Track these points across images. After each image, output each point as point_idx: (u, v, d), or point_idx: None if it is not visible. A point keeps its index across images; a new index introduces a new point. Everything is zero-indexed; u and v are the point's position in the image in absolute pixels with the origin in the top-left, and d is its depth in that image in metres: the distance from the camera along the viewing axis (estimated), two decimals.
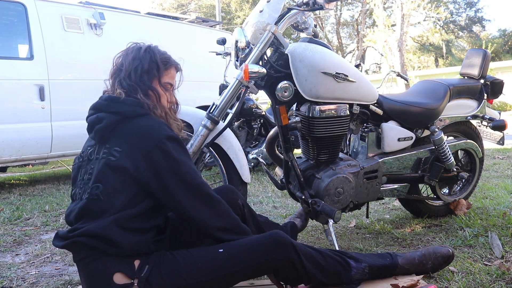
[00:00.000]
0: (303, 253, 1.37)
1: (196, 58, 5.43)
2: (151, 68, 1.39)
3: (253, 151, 4.57)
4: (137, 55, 1.40)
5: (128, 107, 1.31)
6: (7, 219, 2.93)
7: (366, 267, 1.51)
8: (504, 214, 2.37)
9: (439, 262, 1.61)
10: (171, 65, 1.47)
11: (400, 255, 1.61)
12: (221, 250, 1.31)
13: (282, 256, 1.33)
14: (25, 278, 1.88)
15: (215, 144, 1.91)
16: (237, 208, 1.61)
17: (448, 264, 1.63)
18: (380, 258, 1.58)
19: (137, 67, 1.38)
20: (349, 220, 2.54)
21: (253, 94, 2.35)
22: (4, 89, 3.87)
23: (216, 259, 1.29)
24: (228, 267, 1.29)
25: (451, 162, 2.24)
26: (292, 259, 1.34)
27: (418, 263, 1.59)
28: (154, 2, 27.76)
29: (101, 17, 4.51)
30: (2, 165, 4.15)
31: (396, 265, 1.56)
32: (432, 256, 1.61)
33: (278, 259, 1.33)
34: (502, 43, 25.91)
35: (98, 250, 1.21)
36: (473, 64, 2.45)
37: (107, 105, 1.33)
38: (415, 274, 1.58)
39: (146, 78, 1.38)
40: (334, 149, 1.95)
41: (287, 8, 1.95)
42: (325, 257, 1.44)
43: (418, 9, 18.72)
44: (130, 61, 1.39)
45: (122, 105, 1.31)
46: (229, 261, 1.30)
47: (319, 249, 1.48)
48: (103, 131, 1.30)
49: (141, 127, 1.28)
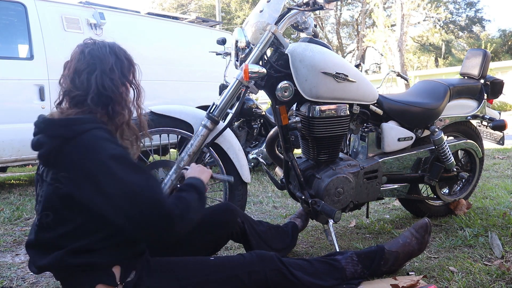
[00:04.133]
0: (288, 263, 1.44)
1: (196, 58, 5.43)
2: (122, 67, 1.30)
3: (253, 151, 4.57)
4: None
5: (65, 129, 1.16)
6: (7, 219, 2.93)
7: (353, 254, 1.56)
8: (504, 214, 2.37)
9: (421, 235, 1.66)
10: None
11: (385, 243, 1.68)
12: (212, 258, 1.38)
13: (268, 267, 1.39)
14: (25, 278, 1.88)
15: (215, 144, 1.91)
16: (236, 227, 1.63)
17: (429, 233, 1.69)
18: (365, 248, 1.66)
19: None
20: (349, 220, 2.54)
21: (253, 94, 2.35)
22: (4, 89, 3.87)
23: (207, 263, 1.35)
24: (218, 271, 1.34)
25: (451, 162, 2.24)
26: (279, 267, 1.40)
27: (402, 243, 1.65)
28: (154, 2, 27.78)
29: (101, 17, 4.51)
30: (2, 165, 4.14)
31: (382, 249, 1.62)
32: (412, 232, 1.68)
33: (266, 270, 1.38)
34: (502, 43, 25.92)
35: (71, 272, 1.19)
36: (473, 64, 2.45)
37: (44, 128, 1.19)
38: (405, 255, 1.64)
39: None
40: (334, 149, 1.95)
41: (287, 8, 1.95)
42: (311, 263, 1.50)
43: (418, 9, 18.73)
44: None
45: (58, 127, 1.17)
46: (219, 266, 1.35)
47: (304, 258, 1.55)
48: (46, 157, 1.18)
49: (82, 148, 1.14)
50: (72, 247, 1.16)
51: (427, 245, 1.70)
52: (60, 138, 1.15)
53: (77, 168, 1.13)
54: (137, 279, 1.22)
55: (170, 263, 1.32)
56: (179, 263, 1.33)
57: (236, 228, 1.62)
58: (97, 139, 1.15)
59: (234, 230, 1.63)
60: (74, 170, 1.13)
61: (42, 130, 1.20)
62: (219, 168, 1.96)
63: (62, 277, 1.25)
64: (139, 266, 1.25)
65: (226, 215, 1.60)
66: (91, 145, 1.13)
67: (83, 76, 1.23)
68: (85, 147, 1.13)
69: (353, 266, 1.53)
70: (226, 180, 1.83)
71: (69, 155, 1.14)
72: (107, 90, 1.23)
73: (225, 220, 1.59)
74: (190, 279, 1.29)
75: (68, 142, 1.15)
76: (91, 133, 1.16)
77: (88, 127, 1.17)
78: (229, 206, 1.65)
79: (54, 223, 1.19)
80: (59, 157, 1.16)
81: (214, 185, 3.74)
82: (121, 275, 1.21)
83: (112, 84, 1.24)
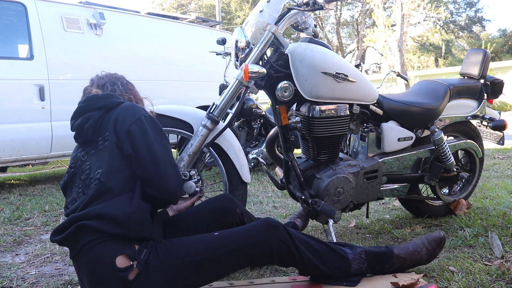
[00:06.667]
0: (296, 237, 1.43)
1: (196, 58, 5.44)
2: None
3: (253, 151, 4.57)
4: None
5: (108, 100, 1.41)
6: (7, 219, 2.93)
7: (362, 251, 1.55)
8: (504, 214, 2.37)
9: (433, 247, 1.63)
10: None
11: (395, 246, 1.64)
12: (216, 233, 1.39)
13: (275, 237, 1.39)
14: (25, 278, 1.88)
15: (215, 144, 1.91)
16: (235, 217, 1.62)
17: (441, 247, 1.65)
18: (375, 248, 1.63)
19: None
20: (349, 220, 2.54)
21: (253, 94, 2.35)
22: (4, 89, 3.87)
23: (211, 239, 1.36)
24: (223, 246, 1.34)
25: (451, 162, 2.24)
26: (285, 239, 1.40)
27: (412, 251, 1.62)
28: (154, 2, 27.77)
29: (101, 17, 4.51)
30: (2, 165, 4.15)
31: (391, 253, 1.59)
32: (425, 242, 1.64)
33: (272, 240, 1.38)
34: (502, 43, 25.92)
35: (103, 233, 1.23)
36: (473, 64, 2.45)
37: (88, 105, 1.41)
38: (412, 263, 1.61)
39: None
40: (334, 149, 1.95)
41: (287, 8, 1.95)
42: (318, 242, 1.49)
43: (418, 9, 18.71)
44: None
45: (102, 100, 1.41)
46: (224, 240, 1.36)
47: (313, 237, 1.53)
48: (93, 127, 1.38)
49: (122, 110, 1.37)
50: (122, 197, 1.28)
51: (436, 257, 1.68)
52: (104, 108, 1.39)
53: (118, 125, 1.33)
54: (147, 257, 1.26)
55: (176, 243, 1.33)
56: (185, 241, 1.34)
57: (235, 218, 1.62)
58: (134, 105, 1.40)
59: (233, 219, 1.62)
60: (116, 127, 1.33)
61: (85, 108, 1.41)
62: (219, 168, 1.96)
63: (87, 241, 1.25)
64: (149, 246, 1.29)
65: (225, 203, 1.63)
66: (130, 107, 1.38)
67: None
68: (125, 109, 1.37)
69: (359, 263, 1.52)
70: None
71: (112, 118, 1.35)
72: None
73: (225, 207, 1.61)
74: (194, 256, 1.30)
75: (110, 111, 1.38)
76: (127, 102, 1.42)
77: (124, 100, 1.44)
78: (229, 196, 1.69)
79: (105, 175, 1.30)
80: (102, 124, 1.38)
81: (214, 185, 3.74)
82: (138, 252, 1.26)
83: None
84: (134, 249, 1.26)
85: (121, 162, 1.32)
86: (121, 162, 1.32)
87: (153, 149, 1.31)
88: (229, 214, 1.61)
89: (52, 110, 4.14)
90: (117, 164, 1.32)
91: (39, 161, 4.37)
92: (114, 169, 1.31)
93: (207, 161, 1.93)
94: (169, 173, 1.32)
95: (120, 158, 1.32)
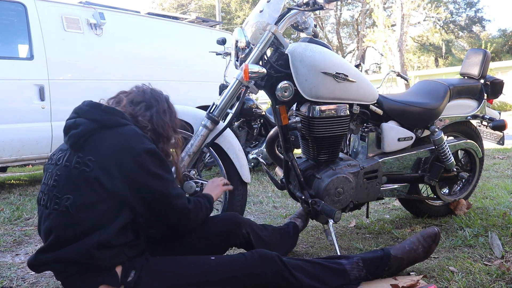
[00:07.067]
0: (290, 265, 1.41)
1: (196, 58, 5.43)
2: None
3: (253, 151, 4.57)
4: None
5: (109, 117, 1.26)
6: (7, 219, 2.92)
7: (359, 259, 1.54)
8: (504, 214, 2.37)
9: (428, 243, 1.64)
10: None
11: (390, 247, 1.64)
12: (213, 258, 1.37)
13: (270, 269, 1.37)
14: (25, 278, 1.88)
15: (215, 144, 1.91)
16: (241, 238, 1.61)
17: (437, 243, 1.66)
18: (371, 252, 1.62)
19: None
20: (349, 220, 2.54)
21: (253, 94, 2.35)
22: (4, 89, 3.87)
23: (208, 263, 1.35)
24: (219, 272, 1.33)
25: (451, 162, 2.24)
26: (280, 270, 1.38)
27: (409, 250, 1.62)
28: (154, 2, 27.77)
29: (101, 17, 4.51)
30: (2, 165, 4.14)
31: (388, 255, 1.59)
32: (420, 239, 1.65)
33: (267, 272, 1.37)
34: (502, 43, 25.90)
35: (76, 271, 1.21)
36: (473, 64, 2.45)
37: (87, 111, 1.28)
38: (409, 261, 1.62)
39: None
40: (334, 149, 1.95)
41: (287, 8, 1.95)
42: (314, 265, 1.47)
43: (418, 9, 18.70)
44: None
45: (103, 113, 1.26)
46: (219, 266, 1.34)
47: (307, 259, 1.51)
48: (77, 138, 1.24)
49: (119, 137, 1.22)
50: (101, 239, 1.17)
51: (432, 253, 1.68)
52: (100, 123, 1.24)
53: (109, 155, 1.20)
54: (137, 278, 1.23)
55: (170, 262, 1.32)
56: (180, 262, 1.33)
57: (240, 239, 1.60)
58: (136, 132, 1.25)
59: (237, 241, 1.61)
60: (105, 157, 1.20)
61: (84, 112, 1.28)
62: (219, 168, 1.96)
63: (64, 277, 1.25)
64: (138, 265, 1.25)
65: (231, 227, 1.58)
66: (129, 136, 1.23)
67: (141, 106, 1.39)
68: (123, 137, 1.22)
69: (358, 271, 1.51)
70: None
71: (104, 141, 1.22)
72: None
73: (231, 232, 1.57)
74: (190, 279, 1.29)
75: (106, 129, 1.24)
76: (130, 127, 1.26)
77: (128, 123, 1.28)
78: (235, 218, 1.62)
79: (75, 207, 1.18)
80: (90, 141, 1.23)
81: None
82: (122, 274, 1.22)
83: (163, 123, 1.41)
84: (115, 274, 1.21)
85: (97, 199, 1.18)
86: (98, 198, 1.18)
87: (157, 190, 1.23)
88: (234, 238, 1.60)
89: (52, 110, 4.13)
90: (92, 201, 1.18)
91: (39, 161, 4.36)
92: (87, 205, 1.18)
93: (207, 161, 1.93)
94: (180, 208, 1.31)
95: (99, 194, 1.18)
